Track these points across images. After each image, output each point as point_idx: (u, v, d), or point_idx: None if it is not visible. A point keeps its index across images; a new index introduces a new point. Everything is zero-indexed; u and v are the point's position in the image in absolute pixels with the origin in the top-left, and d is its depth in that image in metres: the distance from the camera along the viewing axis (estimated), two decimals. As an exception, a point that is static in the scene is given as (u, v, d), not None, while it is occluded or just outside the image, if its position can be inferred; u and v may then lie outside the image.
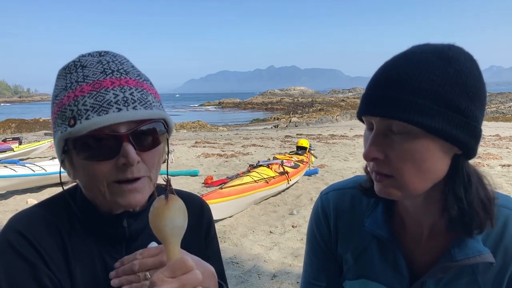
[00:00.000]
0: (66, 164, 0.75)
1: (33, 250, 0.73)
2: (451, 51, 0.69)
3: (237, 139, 15.96)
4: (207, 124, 27.72)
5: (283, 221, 5.39)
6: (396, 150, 0.70)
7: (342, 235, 0.92)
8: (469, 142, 0.69)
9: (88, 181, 0.74)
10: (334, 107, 39.37)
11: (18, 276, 0.71)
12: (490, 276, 0.77)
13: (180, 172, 8.46)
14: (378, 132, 0.71)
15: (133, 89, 0.72)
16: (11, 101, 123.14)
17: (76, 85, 0.70)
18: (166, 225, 0.62)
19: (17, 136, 13.99)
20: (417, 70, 0.67)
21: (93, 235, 0.80)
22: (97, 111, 0.68)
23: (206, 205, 0.97)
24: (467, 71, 0.68)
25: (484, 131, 0.77)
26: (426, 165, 0.69)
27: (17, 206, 6.16)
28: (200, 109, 65.29)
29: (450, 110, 0.66)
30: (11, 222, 0.76)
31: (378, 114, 0.69)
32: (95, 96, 0.69)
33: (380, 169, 0.72)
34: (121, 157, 0.70)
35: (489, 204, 0.73)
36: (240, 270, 3.97)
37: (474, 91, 0.68)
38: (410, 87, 0.66)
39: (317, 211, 0.97)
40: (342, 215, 0.92)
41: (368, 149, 0.71)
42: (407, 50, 0.73)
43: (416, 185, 0.71)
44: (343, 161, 10.14)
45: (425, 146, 0.68)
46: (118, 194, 0.72)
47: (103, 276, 0.79)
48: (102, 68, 0.72)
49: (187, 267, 0.61)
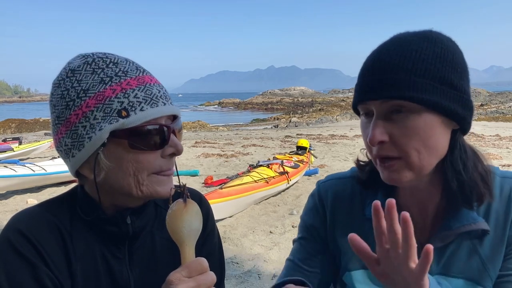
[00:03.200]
0: (101, 158, 0.72)
1: (34, 250, 0.73)
2: (433, 33, 0.73)
3: (237, 139, 15.96)
4: (207, 124, 27.73)
5: (283, 221, 5.39)
6: (400, 130, 0.71)
7: (340, 224, 0.91)
8: (466, 116, 0.73)
9: (128, 174, 0.73)
10: (334, 107, 39.37)
11: (19, 275, 0.71)
12: (488, 244, 0.79)
13: (180, 172, 8.41)
14: (380, 115, 0.72)
15: (164, 87, 0.78)
16: (11, 101, 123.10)
17: (119, 79, 0.73)
18: (184, 227, 0.65)
19: (17, 136, 13.98)
20: (407, 52, 0.70)
21: (95, 235, 0.80)
22: (149, 104, 0.72)
23: (204, 200, 0.98)
24: (452, 49, 0.72)
25: (484, 131, 0.78)
26: (431, 141, 0.72)
27: (17, 206, 6.15)
28: (200, 109, 65.32)
29: (445, 85, 0.70)
30: (12, 222, 0.76)
31: (379, 97, 0.71)
32: (144, 90, 0.73)
33: (386, 152, 0.73)
34: (169, 147, 0.75)
35: (486, 175, 0.77)
36: (240, 270, 3.97)
37: (461, 67, 0.72)
38: (405, 67, 0.69)
39: (313, 199, 0.97)
40: (341, 204, 0.91)
41: (372, 133, 0.72)
42: (390, 37, 0.76)
43: (424, 162, 0.73)
44: (343, 161, 10.14)
45: (428, 123, 0.70)
46: (157, 183, 0.76)
47: (105, 276, 0.80)
48: (134, 66, 0.76)
49: (203, 268, 0.64)
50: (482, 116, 28.03)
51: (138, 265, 0.83)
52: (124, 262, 0.82)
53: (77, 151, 0.73)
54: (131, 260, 0.83)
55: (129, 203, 0.79)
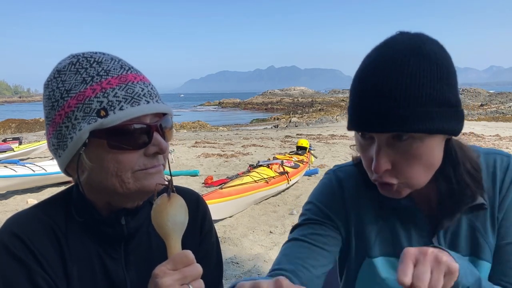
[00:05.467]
0: (83, 158, 0.72)
1: (28, 252, 0.73)
2: (426, 45, 0.70)
3: (237, 139, 15.95)
4: (207, 124, 27.71)
5: (283, 221, 5.39)
6: (403, 157, 0.72)
7: (358, 209, 0.89)
8: (460, 127, 0.74)
9: (111, 174, 0.73)
10: (334, 107, 39.34)
11: (13, 278, 0.71)
12: (483, 217, 0.82)
13: (180, 172, 8.45)
14: (382, 143, 0.72)
15: (151, 84, 0.77)
16: (11, 101, 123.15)
17: (100, 78, 0.72)
18: (168, 220, 0.65)
19: (17, 136, 13.97)
20: (404, 78, 0.67)
21: (90, 235, 0.80)
22: (129, 102, 0.71)
23: (202, 200, 0.97)
24: (445, 62, 0.70)
25: (484, 131, 0.79)
26: (431, 160, 0.73)
27: (17, 206, 6.15)
28: (200, 109, 65.30)
29: (444, 106, 0.69)
30: (6, 224, 0.76)
31: (379, 130, 0.70)
32: (125, 89, 0.72)
33: (388, 180, 0.74)
34: (152, 146, 0.73)
35: (476, 173, 0.79)
36: (240, 270, 3.96)
37: (452, 78, 0.71)
38: (405, 98, 0.67)
39: (330, 184, 0.92)
40: (361, 189, 0.89)
41: (377, 163, 0.72)
42: (383, 50, 0.71)
43: (424, 180, 0.75)
44: (343, 161, 10.13)
45: (429, 146, 0.71)
46: (144, 178, 0.75)
47: (101, 276, 0.79)
48: (119, 64, 0.75)
49: (188, 260, 0.63)
50: (482, 116, 27.99)
51: (134, 266, 0.83)
52: (120, 263, 0.82)
53: (62, 151, 0.73)
54: (127, 261, 0.82)
55: (123, 203, 0.79)
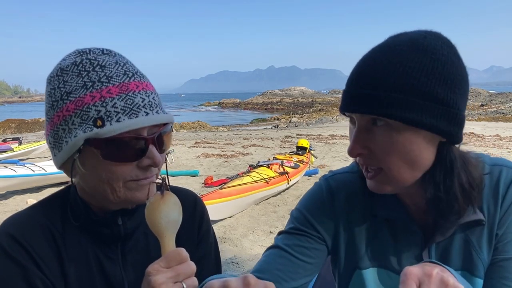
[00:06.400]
0: (77, 164, 0.73)
1: (25, 253, 0.73)
2: (427, 39, 0.69)
3: (237, 139, 15.95)
4: (207, 124, 27.72)
5: (283, 221, 5.39)
6: (379, 144, 0.71)
7: (349, 220, 0.86)
8: (452, 130, 0.70)
9: (102, 181, 0.73)
10: (334, 107, 39.30)
11: (10, 279, 0.71)
12: (479, 232, 0.78)
13: (180, 172, 8.45)
14: (360, 127, 0.73)
15: (154, 93, 0.76)
16: (11, 101, 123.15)
17: (101, 85, 0.71)
18: (161, 218, 0.65)
19: (17, 136, 13.98)
20: (391, 65, 0.68)
21: (87, 236, 0.80)
22: (127, 114, 0.70)
23: (199, 200, 0.97)
24: (444, 58, 0.68)
25: (484, 131, 0.77)
26: (411, 156, 0.70)
27: (17, 206, 6.15)
28: (200, 109, 65.31)
29: (428, 100, 0.67)
30: (3, 226, 0.76)
31: (357, 111, 0.71)
32: (124, 99, 0.70)
33: (368, 163, 0.74)
34: (146, 158, 0.73)
35: (469, 189, 0.74)
36: (240, 270, 3.97)
37: (452, 78, 0.68)
38: (386, 84, 0.67)
39: (320, 194, 0.89)
40: (353, 199, 0.87)
41: (351, 146, 0.73)
42: (383, 42, 0.73)
43: (405, 176, 0.73)
44: (343, 161, 10.13)
45: (408, 138, 0.69)
46: (135, 189, 0.74)
47: (99, 277, 0.79)
48: (123, 70, 0.74)
49: (181, 258, 0.63)
50: (482, 116, 27.99)
51: (131, 266, 0.83)
52: (118, 263, 0.82)
53: (58, 152, 0.74)
54: (125, 261, 0.83)
55: (116, 207, 0.79)
